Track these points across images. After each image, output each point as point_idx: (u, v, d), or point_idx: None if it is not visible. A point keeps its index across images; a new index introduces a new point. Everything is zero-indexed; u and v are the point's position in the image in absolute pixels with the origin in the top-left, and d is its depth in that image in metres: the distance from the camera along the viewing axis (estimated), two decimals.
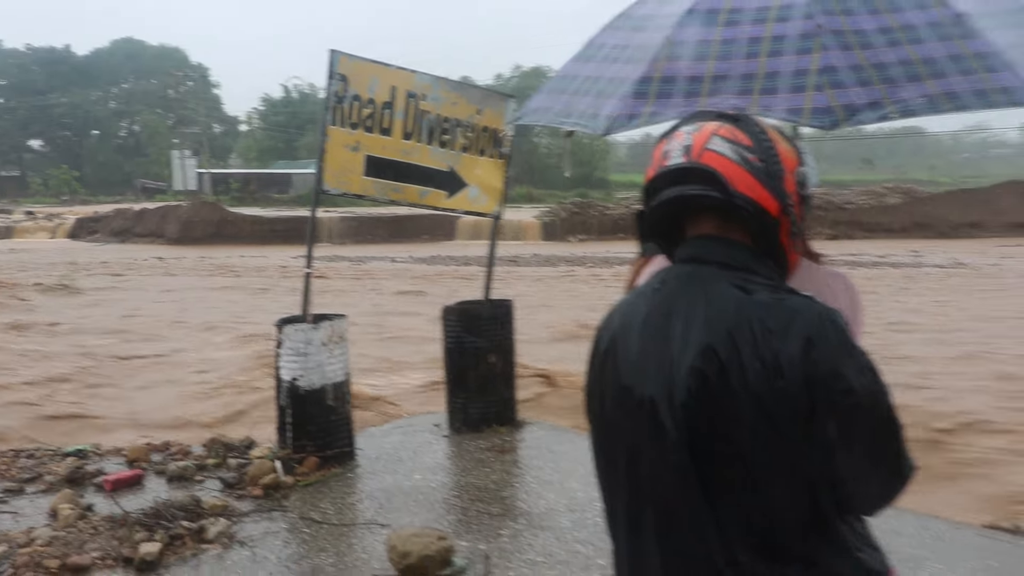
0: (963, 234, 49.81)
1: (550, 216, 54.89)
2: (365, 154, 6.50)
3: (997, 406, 10.33)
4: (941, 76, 2.67)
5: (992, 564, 4.74)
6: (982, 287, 25.03)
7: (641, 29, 3.14)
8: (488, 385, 7.31)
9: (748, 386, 1.62)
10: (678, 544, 1.73)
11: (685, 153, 1.77)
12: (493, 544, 5.01)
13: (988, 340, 15.17)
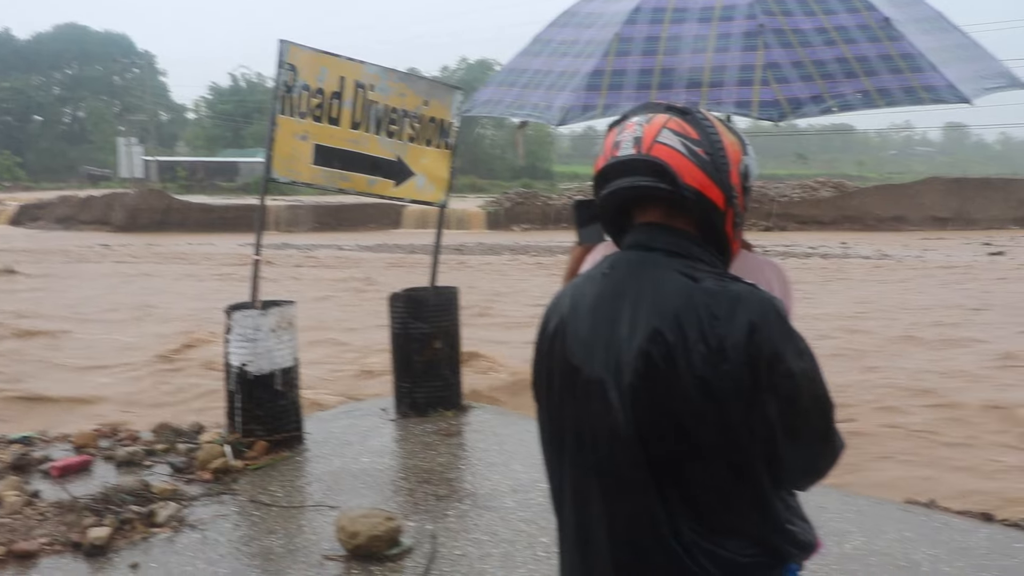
0: (888, 227, 50.80)
1: (495, 206, 54.96)
2: (314, 143, 6.45)
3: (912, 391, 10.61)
4: (874, 74, 2.76)
5: (908, 535, 4.89)
6: (911, 277, 25.58)
7: (589, 26, 3.17)
8: (434, 370, 7.30)
9: (694, 368, 1.66)
10: (625, 519, 1.76)
11: (636, 145, 1.79)
12: (440, 524, 5.02)
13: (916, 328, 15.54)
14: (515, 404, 9.20)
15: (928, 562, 4.56)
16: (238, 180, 74.83)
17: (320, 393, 9.61)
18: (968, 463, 8.04)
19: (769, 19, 2.86)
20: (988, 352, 13.22)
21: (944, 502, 5.96)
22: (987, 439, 8.81)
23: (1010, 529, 5.18)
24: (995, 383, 11.21)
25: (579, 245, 2.51)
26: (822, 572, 4.35)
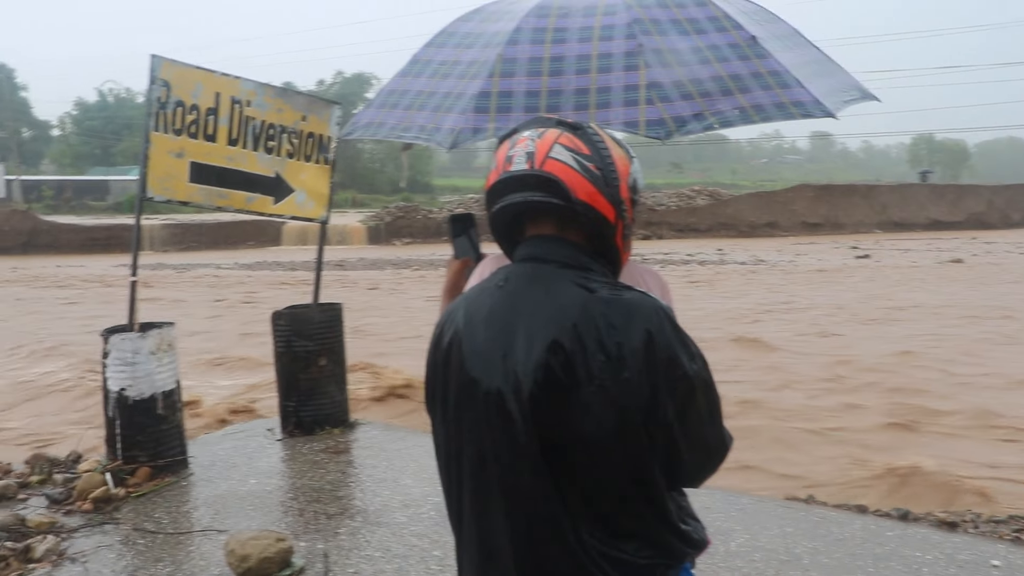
0: (762, 233, 52.41)
1: (375, 220, 54.64)
2: (190, 160, 6.31)
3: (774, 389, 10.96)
4: (747, 91, 2.85)
5: (789, 530, 5.09)
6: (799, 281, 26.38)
7: (469, 46, 3.19)
8: (319, 388, 7.22)
9: (593, 377, 1.68)
10: (528, 528, 1.77)
11: (528, 160, 1.82)
12: (332, 543, 4.96)
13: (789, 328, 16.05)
14: (403, 419, 9.17)
15: (808, 555, 4.75)
16: (109, 199, 72.49)
17: (205, 415, 9.39)
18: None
19: (647, 39, 2.92)
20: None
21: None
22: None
23: (882, 519, 5.44)
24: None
25: (455, 259, 2.54)
26: (710, 570, 4.47)
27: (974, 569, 4.58)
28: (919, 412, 9.91)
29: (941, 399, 10.57)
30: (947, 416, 9.74)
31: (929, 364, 12.76)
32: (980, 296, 21.76)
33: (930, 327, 16.45)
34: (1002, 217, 61.86)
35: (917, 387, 11.28)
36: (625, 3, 3.05)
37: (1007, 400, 10.43)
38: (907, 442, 8.75)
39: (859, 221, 56.94)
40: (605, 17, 3.03)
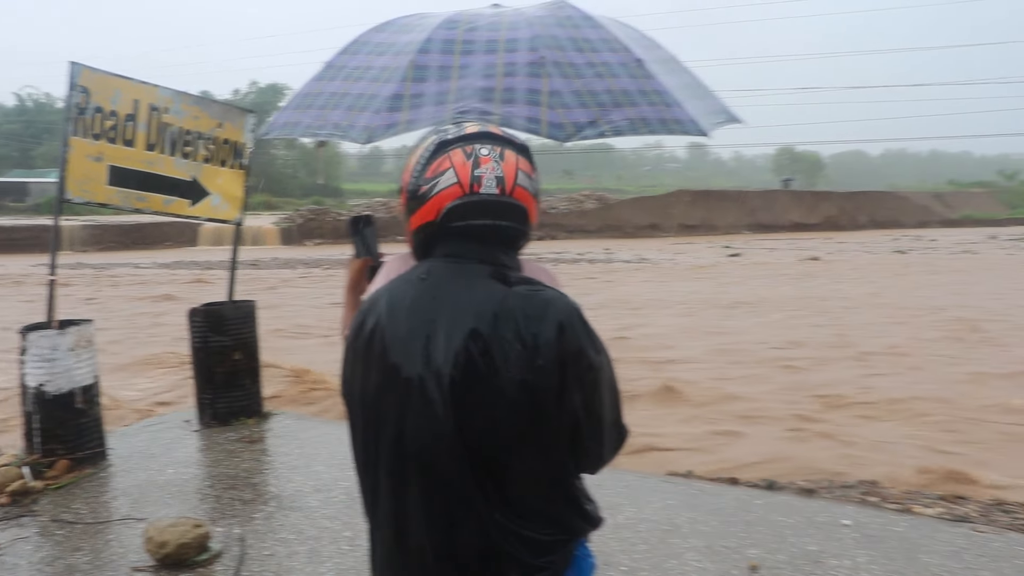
0: (645, 234, 53.30)
1: (288, 222, 53.85)
2: (108, 164, 6.07)
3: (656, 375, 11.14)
4: (636, 105, 2.91)
5: (671, 503, 5.18)
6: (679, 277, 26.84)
7: (381, 54, 3.16)
8: (234, 381, 7.05)
9: (510, 365, 1.68)
10: (445, 508, 1.74)
11: (499, 185, 1.79)
12: (247, 527, 4.83)
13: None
14: (314, 409, 9.02)
15: (688, 524, 4.84)
16: (28, 200, 69.70)
17: (123, 409, 9.07)
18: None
19: (549, 52, 2.96)
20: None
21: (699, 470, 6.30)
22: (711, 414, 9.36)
23: (751, 489, 5.61)
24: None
25: (356, 258, 2.49)
26: (600, 541, 4.47)
27: (829, 529, 4.75)
28: (793, 393, 10.19)
29: (824, 384, 10.88)
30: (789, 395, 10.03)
31: (805, 349, 13.13)
32: (834, 289, 22.49)
33: (787, 317, 16.93)
34: (851, 220, 64.20)
35: (805, 375, 11.59)
36: (527, 20, 3.09)
37: (868, 383, 10.80)
38: (765, 420, 8.98)
39: (731, 223, 58.38)
40: (509, 31, 3.05)
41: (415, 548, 1.78)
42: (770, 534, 4.68)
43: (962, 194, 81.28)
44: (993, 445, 8.03)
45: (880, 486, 5.80)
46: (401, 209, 1.92)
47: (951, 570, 4.22)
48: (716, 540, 4.61)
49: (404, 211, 1.89)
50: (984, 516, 5.08)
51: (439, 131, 1.88)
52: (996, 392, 10.16)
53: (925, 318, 16.49)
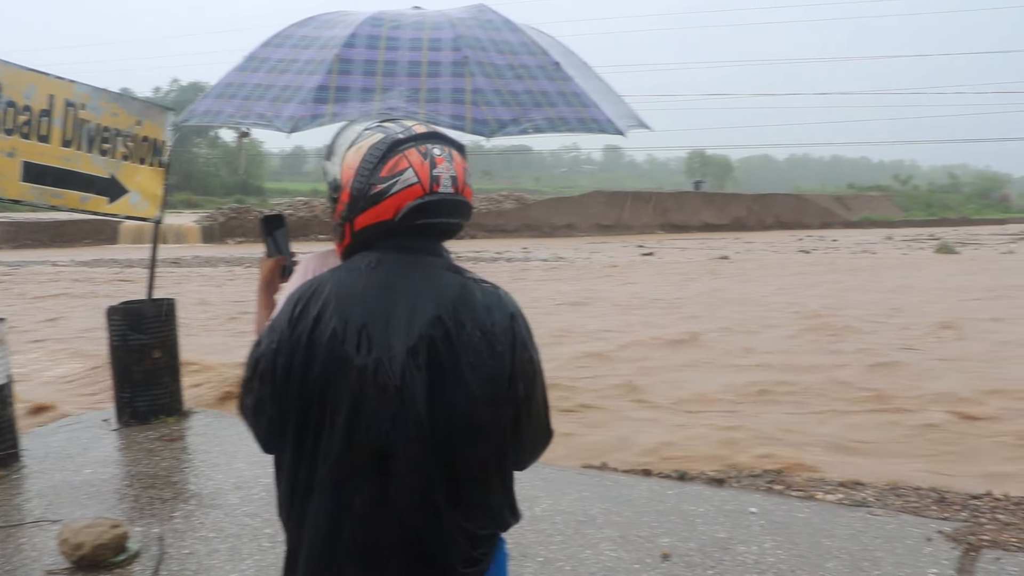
0: (562, 233, 53.70)
1: (209, 220, 52.79)
2: (22, 160, 5.83)
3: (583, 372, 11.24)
4: (554, 105, 2.96)
5: (586, 495, 5.23)
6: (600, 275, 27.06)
7: (306, 47, 3.12)
8: (154, 379, 6.86)
9: (471, 351, 1.71)
10: (401, 502, 1.71)
11: (454, 185, 1.79)
12: (167, 526, 4.71)
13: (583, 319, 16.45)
14: (234, 407, 8.84)
15: (602, 515, 4.88)
16: None
17: (38, 409, 8.75)
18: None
19: (472, 52, 2.97)
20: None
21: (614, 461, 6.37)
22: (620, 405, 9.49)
23: (664, 480, 5.69)
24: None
25: (268, 257, 2.45)
26: (518, 534, 4.50)
27: (737, 517, 4.86)
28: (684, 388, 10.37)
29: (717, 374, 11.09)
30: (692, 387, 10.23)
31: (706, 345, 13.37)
32: (745, 287, 22.99)
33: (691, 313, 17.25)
34: (758, 221, 65.76)
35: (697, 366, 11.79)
36: (450, 21, 3.10)
37: (778, 376, 11.06)
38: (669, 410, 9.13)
39: (644, 223, 59.25)
40: (433, 31, 3.05)
41: (355, 543, 1.73)
42: (682, 523, 4.76)
43: (861, 197, 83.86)
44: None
45: (785, 474, 5.93)
46: (340, 208, 1.85)
47: (850, 552, 4.36)
48: (630, 530, 4.66)
49: (345, 210, 1.83)
50: (880, 500, 5.24)
51: (377, 128, 1.84)
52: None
53: (828, 318, 16.96)
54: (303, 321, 1.74)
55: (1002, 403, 9.34)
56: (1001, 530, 4.71)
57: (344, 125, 2.03)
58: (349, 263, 1.83)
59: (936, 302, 18.84)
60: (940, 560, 4.27)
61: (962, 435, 8.26)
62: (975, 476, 6.74)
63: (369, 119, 1.97)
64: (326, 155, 1.98)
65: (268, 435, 1.82)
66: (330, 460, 1.72)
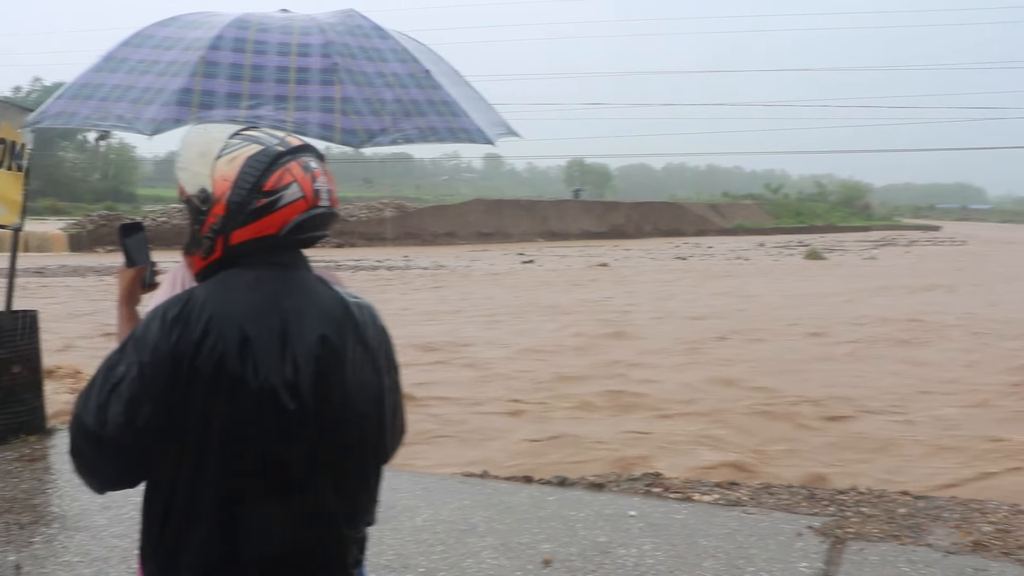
0: (442, 241, 53.64)
1: (77, 228, 50.46)
2: None
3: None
4: (424, 115, 2.95)
5: (467, 503, 5.24)
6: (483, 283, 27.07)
7: (168, 48, 3.00)
8: (13, 396, 6.51)
9: (355, 368, 1.78)
10: (300, 517, 1.73)
11: (329, 198, 1.80)
12: (25, 552, 4.46)
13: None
14: None
15: (484, 523, 4.90)
16: None
17: None
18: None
19: (341, 60, 2.92)
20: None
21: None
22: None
23: (544, 486, 5.77)
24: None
25: (128, 268, 2.36)
26: (398, 545, 4.47)
27: (616, 520, 4.96)
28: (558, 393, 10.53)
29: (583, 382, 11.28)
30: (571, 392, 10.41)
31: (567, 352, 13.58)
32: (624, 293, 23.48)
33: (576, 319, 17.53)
34: (637, 229, 67.20)
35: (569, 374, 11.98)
36: (319, 26, 3.04)
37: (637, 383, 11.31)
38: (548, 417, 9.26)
39: (525, 231, 59.74)
40: (301, 36, 2.99)
41: (252, 564, 1.71)
42: (562, 528, 4.82)
43: (735, 205, 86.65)
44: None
45: (663, 477, 6.08)
46: (211, 220, 1.77)
47: (726, 550, 4.50)
48: (511, 537, 4.69)
49: (218, 223, 1.76)
50: (754, 500, 5.44)
51: (246, 138, 1.80)
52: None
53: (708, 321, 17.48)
54: (184, 341, 1.67)
55: (851, 405, 9.98)
56: (865, 522, 4.96)
57: (193, 130, 1.96)
58: (222, 280, 1.77)
59: (808, 307, 19.70)
60: (810, 554, 4.46)
61: (819, 432, 8.74)
62: (838, 472, 7.10)
63: (230, 125, 1.92)
64: (180, 161, 1.89)
65: (126, 468, 1.72)
66: (216, 486, 1.68)
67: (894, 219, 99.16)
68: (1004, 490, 6.43)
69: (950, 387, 11.14)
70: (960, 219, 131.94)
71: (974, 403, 10.21)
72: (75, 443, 1.71)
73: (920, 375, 11.92)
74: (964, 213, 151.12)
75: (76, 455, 1.72)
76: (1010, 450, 8.03)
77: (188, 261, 1.89)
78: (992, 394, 10.67)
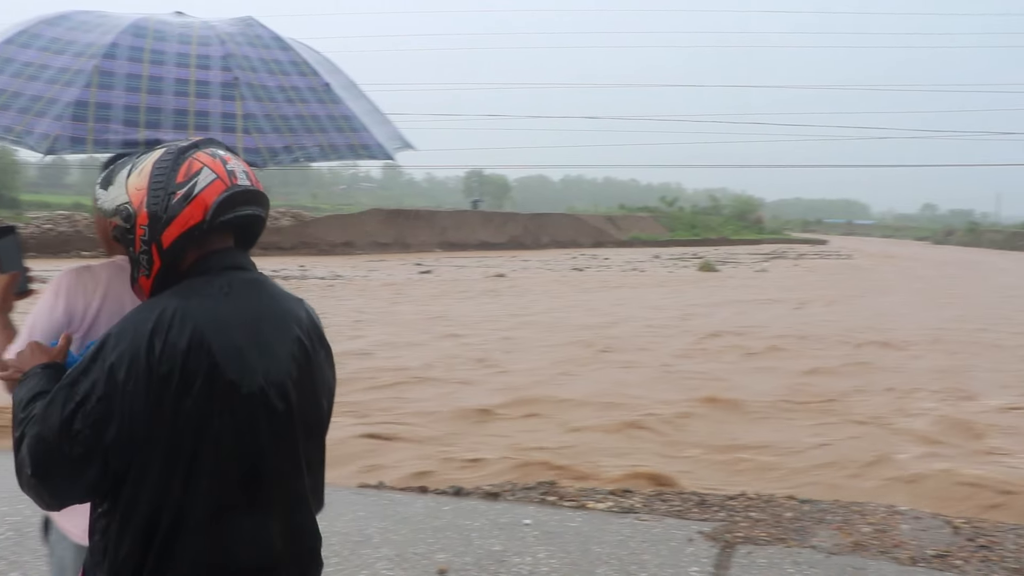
0: (340, 251, 53.01)
1: None
2: None
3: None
4: (325, 131, 2.90)
5: (362, 514, 5.22)
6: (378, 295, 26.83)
7: (59, 52, 2.84)
8: None
9: (321, 370, 1.89)
10: (287, 518, 1.80)
11: (248, 177, 1.82)
12: None
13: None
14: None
15: (379, 534, 4.89)
16: None
17: None
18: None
19: (242, 73, 2.83)
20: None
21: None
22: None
23: (440, 496, 5.78)
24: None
25: (1, 274, 2.28)
26: None
27: (512, 529, 5.00)
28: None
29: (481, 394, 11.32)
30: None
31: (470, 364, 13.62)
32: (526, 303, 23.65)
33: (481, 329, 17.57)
34: (534, 240, 67.77)
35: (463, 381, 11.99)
36: (218, 37, 2.94)
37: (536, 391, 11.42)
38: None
39: (423, 241, 59.55)
40: (200, 47, 2.89)
41: (245, 567, 1.74)
42: (458, 538, 4.83)
43: (631, 217, 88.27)
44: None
45: (558, 486, 6.14)
46: (139, 234, 1.77)
47: (619, 557, 4.59)
48: (407, 548, 4.68)
49: (146, 233, 1.76)
50: (647, 506, 5.55)
51: (150, 150, 1.89)
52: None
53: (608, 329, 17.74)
54: (169, 352, 1.66)
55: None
56: (753, 526, 5.12)
57: (115, 158, 2.04)
58: (192, 288, 1.77)
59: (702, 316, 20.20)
60: (700, 559, 4.59)
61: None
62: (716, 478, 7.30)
63: (138, 152, 1.95)
64: (103, 185, 1.96)
65: (89, 484, 1.67)
66: (207, 495, 1.69)
67: (784, 232, 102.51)
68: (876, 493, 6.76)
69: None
70: (846, 233, 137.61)
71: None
72: (36, 463, 1.66)
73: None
74: (850, 228, 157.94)
75: (36, 475, 1.67)
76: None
77: (138, 289, 1.86)
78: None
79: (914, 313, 22.73)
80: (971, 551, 4.81)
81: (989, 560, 4.68)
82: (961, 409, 10.73)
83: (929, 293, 30.58)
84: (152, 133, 2.62)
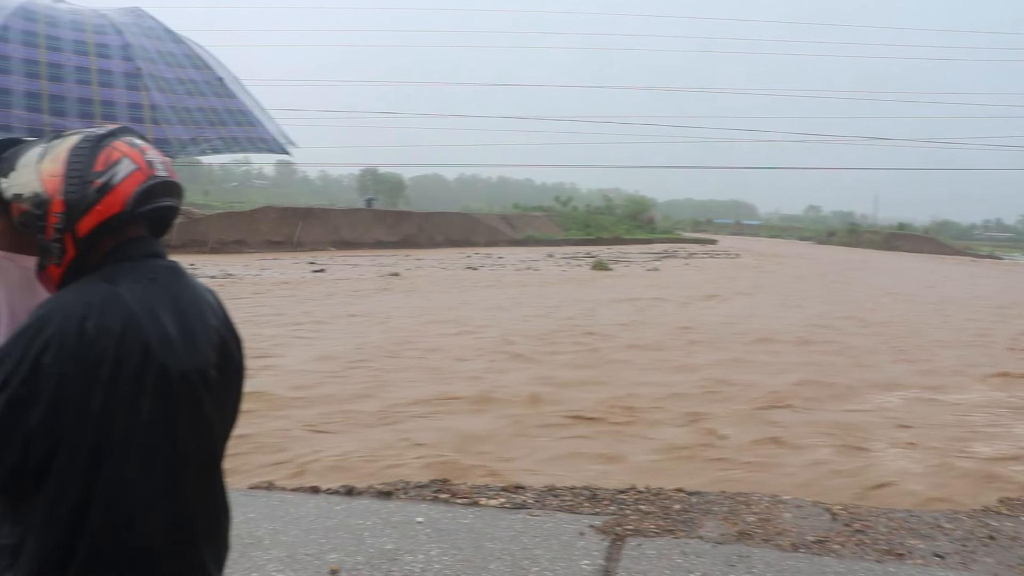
0: (231, 250, 51.88)
1: None
2: None
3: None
4: (225, 124, 2.88)
5: (252, 515, 5.14)
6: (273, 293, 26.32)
7: None
8: None
9: (238, 359, 1.95)
10: (213, 501, 1.85)
11: (166, 168, 1.81)
12: None
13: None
14: None
15: (269, 535, 4.82)
16: None
17: None
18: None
19: (144, 64, 2.77)
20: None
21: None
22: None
23: (332, 496, 5.73)
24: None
25: None
26: None
27: (404, 527, 5.00)
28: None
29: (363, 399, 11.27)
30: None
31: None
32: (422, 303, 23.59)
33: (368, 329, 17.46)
34: (429, 239, 67.61)
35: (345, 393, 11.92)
36: (114, 26, 2.85)
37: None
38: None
39: (316, 240, 58.71)
40: (97, 35, 2.79)
41: (170, 548, 1.73)
42: (350, 537, 4.81)
43: (525, 217, 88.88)
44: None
45: (451, 484, 6.17)
46: (52, 221, 1.73)
47: (511, 552, 4.64)
48: (298, 548, 4.63)
49: (60, 221, 1.72)
50: (539, 502, 5.62)
51: (62, 136, 1.81)
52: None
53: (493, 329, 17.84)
54: (104, 338, 1.63)
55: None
56: (643, 519, 5.25)
57: (12, 142, 1.96)
58: (118, 274, 1.74)
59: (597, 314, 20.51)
60: (591, 552, 4.67)
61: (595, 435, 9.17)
62: (621, 471, 7.46)
63: (45, 139, 1.86)
64: (2, 172, 1.83)
65: (11, 471, 1.61)
66: (141, 479, 1.67)
67: (675, 232, 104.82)
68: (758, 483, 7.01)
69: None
70: (734, 233, 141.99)
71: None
72: None
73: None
74: (738, 228, 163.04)
75: None
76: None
77: (44, 277, 1.81)
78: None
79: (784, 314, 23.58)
80: (847, 535, 5.05)
81: (864, 544, 4.92)
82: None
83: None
84: (58, 120, 2.53)
